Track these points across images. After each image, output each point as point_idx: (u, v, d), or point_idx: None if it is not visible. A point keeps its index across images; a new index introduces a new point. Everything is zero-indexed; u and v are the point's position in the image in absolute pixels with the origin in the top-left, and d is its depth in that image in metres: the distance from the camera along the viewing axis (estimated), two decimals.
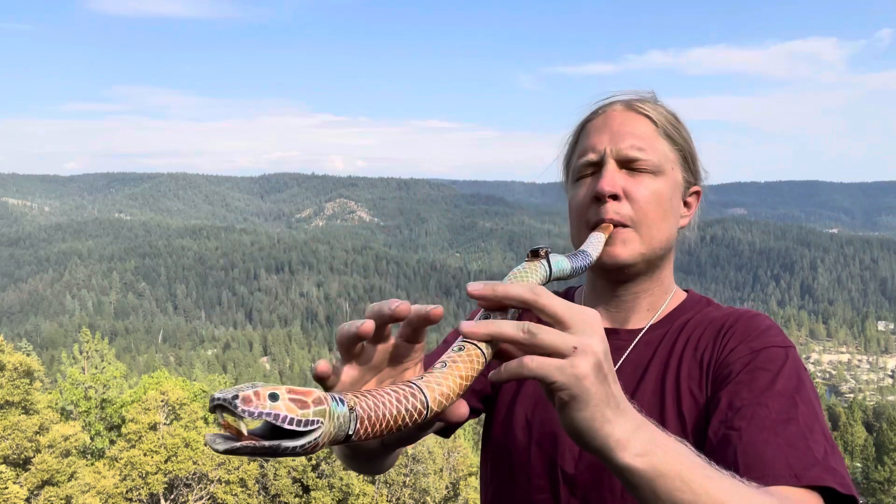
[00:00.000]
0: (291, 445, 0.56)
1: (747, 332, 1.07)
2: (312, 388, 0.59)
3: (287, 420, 0.55)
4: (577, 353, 0.66)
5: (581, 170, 1.18)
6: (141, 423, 19.88)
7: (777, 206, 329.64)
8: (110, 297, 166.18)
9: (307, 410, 0.56)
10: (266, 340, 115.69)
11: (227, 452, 0.55)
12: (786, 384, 0.96)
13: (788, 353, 1.02)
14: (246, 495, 20.74)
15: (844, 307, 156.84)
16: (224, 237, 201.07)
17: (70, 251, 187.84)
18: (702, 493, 0.70)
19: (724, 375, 1.02)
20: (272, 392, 0.56)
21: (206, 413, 22.83)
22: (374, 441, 0.68)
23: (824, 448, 0.88)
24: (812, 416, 0.93)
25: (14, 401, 18.02)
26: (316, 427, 0.57)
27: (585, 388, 0.66)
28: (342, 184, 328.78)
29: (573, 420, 0.68)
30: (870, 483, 38.44)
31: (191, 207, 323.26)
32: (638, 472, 0.70)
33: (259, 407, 0.54)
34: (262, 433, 0.56)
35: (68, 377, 23.89)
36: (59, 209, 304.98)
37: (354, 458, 0.96)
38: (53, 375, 33.67)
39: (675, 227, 1.19)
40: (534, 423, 1.13)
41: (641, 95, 1.22)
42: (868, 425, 52.36)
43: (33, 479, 17.01)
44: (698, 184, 1.26)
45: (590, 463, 1.07)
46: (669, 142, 1.18)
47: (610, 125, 1.16)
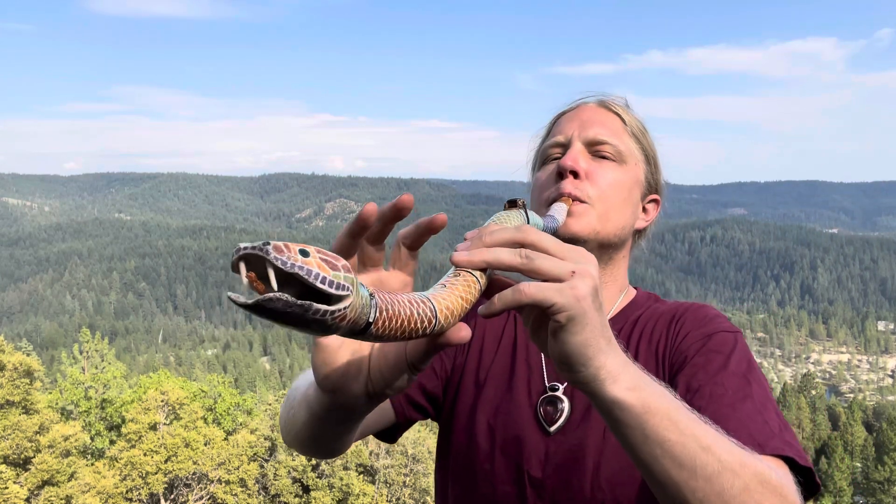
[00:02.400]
0: (322, 308, 0.52)
1: (697, 320, 1.11)
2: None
3: (319, 278, 0.51)
4: (576, 276, 0.66)
5: (548, 152, 1.21)
6: (141, 423, 19.87)
7: (777, 206, 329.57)
8: (110, 297, 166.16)
9: (338, 273, 0.53)
10: (266, 340, 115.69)
11: (253, 307, 0.51)
12: (738, 365, 1.00)
13: (737, 337, 1.06)
14: (246, 495, 20.73)
15: (844, 307, 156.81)
16: (224, 237, 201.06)
17: (70, 251, 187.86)
18: (688, 434, 0.71)
19: (679, 361, 1.05)
20: (302, 248, 0.52)
21: (205, 413, 22.84)
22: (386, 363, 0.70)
23: (778, 423, 0.92)
24: (764, 395, 0.97)
25: (14, 401, 18.02)
26: (347, 293, 0.53)
27: (584, 310, 0.65)
28: (342, 184, 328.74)
29: (568, 344, 0.66)
30: (870, 483, 38.43)
31: (191, 207, 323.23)
32: (629, 406, 0.69)
33: (291, 259, 0.50)
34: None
35: (68, 377, 23.91)
36: (58, 209, 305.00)
37: (318, 436, 0.92)
38: (53, 375, 33.69)
39: (631, 220, 1.21)
40: (497, 429, 1.12)
41: (614, 98, 1.26)
42: (868, 425, 52.36)
43: (33, 479, 17.01)
44: (659, 193, 1.28)
45: (557, 465, 1.06)
46: (635, 141, 1.21)
47: (581, 115, 1.21)
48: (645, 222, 1.26)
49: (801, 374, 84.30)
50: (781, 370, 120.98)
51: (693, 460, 0.71)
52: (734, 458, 0.73)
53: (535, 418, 1.10)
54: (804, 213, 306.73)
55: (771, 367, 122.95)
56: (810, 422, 52.44)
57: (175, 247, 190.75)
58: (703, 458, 0.71)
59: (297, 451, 1.03)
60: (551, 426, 1.08)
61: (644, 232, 1.28)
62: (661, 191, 1.28)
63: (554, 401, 1.10)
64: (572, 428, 1.08)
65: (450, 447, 1.18)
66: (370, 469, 22.71)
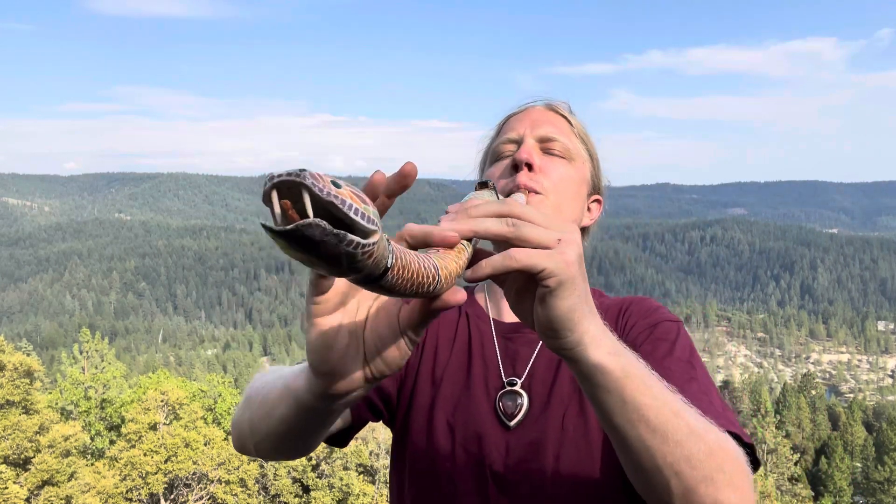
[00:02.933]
0: (356, 240, 0.50)
1: (642, 311, 1.17)
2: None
3: (353, 209, 0.50)
4: (563, 243, 0.67)
5: (500, 149, 1.24)
6: (141, 423, 19.87)
7: (777, 206, 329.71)
8: (110, 297, 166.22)
9: (367, 206, 0.52)
10: (266, 340, 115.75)
11: (289, 232, 0.48)
12: (682, 352, 1.06)
13: (679, 326, 1.12)
14: (246, 495, 20.73)
15: (844, 307, 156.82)
16: (224, 237, 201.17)
17: (70, 251, 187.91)
18: (661, 399, 0.75)
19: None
20: (334, 180, 0.51)
21: (205, 413, 22.84)
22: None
23: (721, 404, 0.98)
24: (707, 379, 1.03)
25: (14, 401, 18.02)
26: (375, 228, 0.53)
27: (573, 275, 0.67)
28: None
29: (556, 308, 0.68)
30: (870, 483, 38.42)
31: (191, 207, 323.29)
32: (610, 370, 0.72)
33: (326, 186, 0.50)
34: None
35: (68, 377, 23.91)
36: (58, 209, 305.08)
37: (297, 432, 0.89)
38: (53, 375, 33.68)
39: (579, 217, 1.24)
40: (456, 427, 1.13)
41: (559, 102, 1.31)
42: (868, 425, 52.35)
43: (33, 479, 17.01)
44: (601, 194, 1.32)
45: (519, 458, 1.08)
46: (581, 142, 1.27)
47: (531, 116, 1.26)
48: (590, 220, 1.30)
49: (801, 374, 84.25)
50: (781, 370, 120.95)
51: (665, 425, 0.74)
52: (700, 424, 0.77)
53: (495, 413, 1.12)
54: (804, 213, 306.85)
55: (771, 367, 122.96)
56: (810, 422, 52.41)
57: (175, 247, 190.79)
58: (675, 422, 0.74)
59: (260, 454, 1.00)
60: (511, 420, 1.10)
61: (588, 230, 1.31)
62: (602, 192, 1.32)
63: (512, 395, 1.12)
64: (532, 421, 1.10)
65: (407, 448, 1.17)
66: (370, 469, 22.72)
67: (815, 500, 35.09)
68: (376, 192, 0.64)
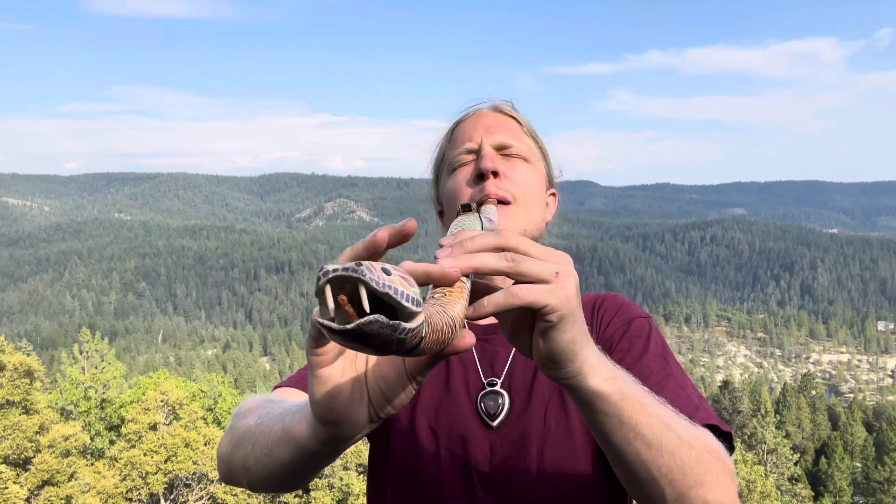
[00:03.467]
0: (408, 327, 0.53)
1: (615, 307, 1.19)
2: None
3: (405, 297, 0.52)
4: (561, 276, 0.68)
5: (459, 159, 1.24)
6: (141, 423, 19.88)
7: (777, 206, 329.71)
8: (110, 297, 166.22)
9: (415, 289, 0.54)
10: (266, 340, 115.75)
11: (351, 332, 0.50)
12: (655, 347, 1.10)
13: (650, 322, 1.16)
14: (246, 495, 20.73)
15: (844, 307, 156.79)
16: (224, 237, 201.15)
17: (70, 251, 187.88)
18: (654, 416, 0.78)
19: (607, 347, 1.12)
20: (384, 267, 0.53)
21: (205, 413, 22.83)
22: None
23: (697, 395, 1.03)
24: (681, 372, 1.07)
25: (14, 401, 18.01)
26: (422, 310, 0.54)
27: (574, 308, 0.69)
28: (342, 184, 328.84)
29: (557, 342, 0.69)
30: (870, 483, 38.41)
31: (191, 207, 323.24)
32: (608, 396, 0.74)
33: (381, 278, 0.51)
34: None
35: (68, 377, 23.89)
36: (58, 209, 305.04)
37: (300, 473, 0.89)
38: (53, 375, 33.68)
39: (543, 216, 1.27)
40: (439, 430, 1.13)
41: (504, 103, 1.33)
42: (868, 425, 52.36)
43: (33, 479, 17.00)
44: (554, 187, 1.35)
45: (503, 456, 1.09)
46: (532, 140, 1.29)
47: (483, 121, 1.27)
48: (549, 216, 1.32)
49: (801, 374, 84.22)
50: (781, 370, 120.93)
51: (660, 439, 0.77)
52: (689, 432, 0.82)
53: (477, 414, 1.12)
54: (804, 213, 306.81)
55: (771, 367, 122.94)
56: (810, 422, 52.41)
57: (175, 247, 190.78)
58: (667, 435, 0.78)
59: (253, 489, 1.00)
60: (494, 420, 1.11)
61: (548, 225, 1.33)
62: (554, 185, 1.35)
63: (493, 395, 1.13)
64: (514, 419, 1.11)
65: (389, 457, 1.17)
66: None
67: (815, 500, 35.07)
68: (379, 250, 0.64)
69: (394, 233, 0.65)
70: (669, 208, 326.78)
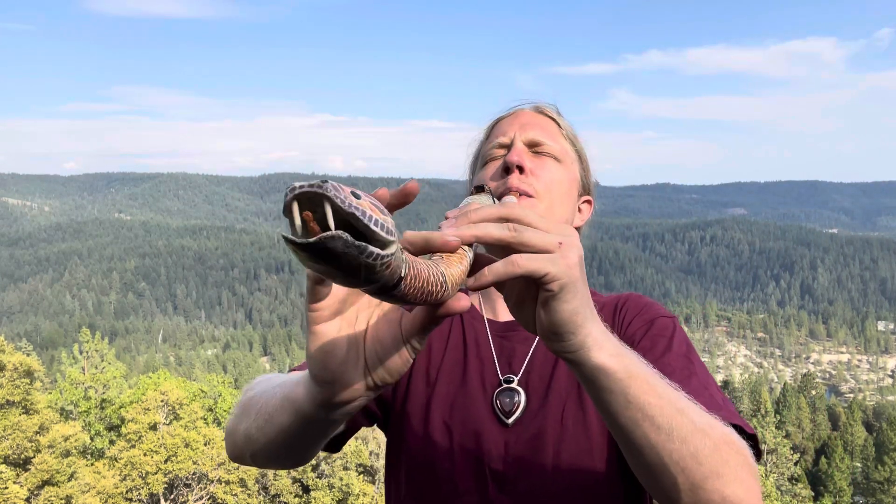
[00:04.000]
0: (376, 252, 0.51)
1: (638, 307, 1.17)
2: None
3: (373, 220, 0.51)
4: (564, 246, 0.67)
5: (490, 153, 1.25)
6: (141, 423, 19.88)
7: (777, 206, 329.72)
8: (110, 297, 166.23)
9: (387, 217, 0.53)
10: (266, 340, 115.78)
11: (311, 245, 0.49)
12: (679, 347, 1.07)
13: (674, 322, 1.13)
14: (246, 495, 20.73)
15: (844, 307, 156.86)
16: (224, 237, 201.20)
17: (70, 251, 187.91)
18: (665, 398, 0.75)
19: (628, 346, 1.08)
20: (353, 191, 0.52)
21: (205, 413, 22.84)
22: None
23: (721, 396, 0.99)
24: (705, 372, 1.04)
25: (14, 401, 18.01)
26: (394, 239, 0.53)
27: (576, 278, 0.68)
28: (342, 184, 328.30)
29: (560, 312, 0.68)
30: (870, 483, 38.45)
31: (191, 207, 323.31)
32: (613, 372, 0.72)
33: (348, 198, 0.50)
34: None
35: (68, 377, 23.89)
36: (58, 209, 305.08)
37: (298, 441, 0.88)
38: (53, 375, 33.69)
39: (571, 217, 1.25)
40: (453, 426, 1.12)
41: (548, 105, 1.32)
42: (868, 425, 52.40)
43: (33, 479, 17.00)
44: (591, 194, 1.33)
45: (518, 455, 1.07)
46: (570, 143, 1.28)
47: (520, 119, 1.27)
48: (581, 221, 1.31)
49: (801, 374, 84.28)
50: (781, 370, 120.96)
51: (670, 422, 0.74)
52: (704, 419, 0.78)
53: (492, 411, 1.11)
54: (804, 213, 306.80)
55: (771, 367, 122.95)
56: (810, 422, 52.44)
57: (175, 247, 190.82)
58: (679, 420, 0.75)
59: (256, 463, 0.99)
60: (509, 418, 1.10)
61: (579, 231, 1.31)
62: (592, 192, 1.33)
63: (510, 392, 1.11)
64: (530, 417, 1.09)
65: (403, 449, 1.16)
66: (370, 469, 22.72)
67: (815, 500, 35.09)
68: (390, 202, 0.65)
69: (396, 192, 0.65)
70: (669, 208, 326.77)
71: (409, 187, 0.65)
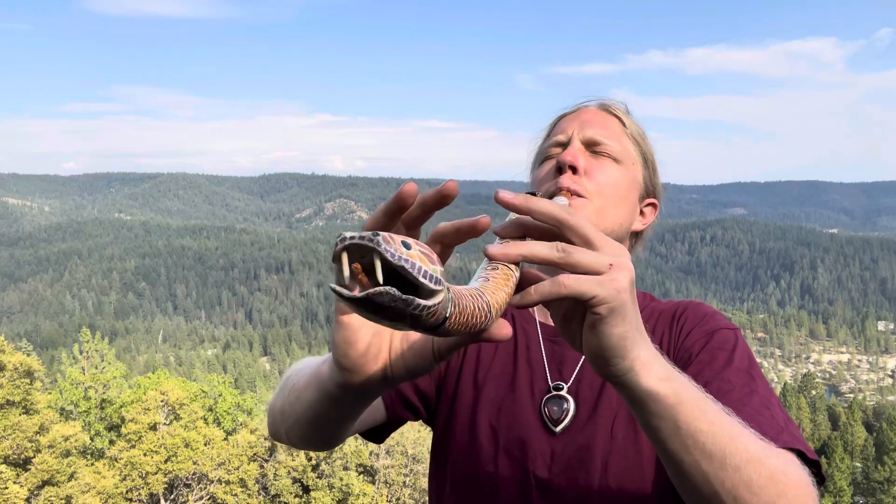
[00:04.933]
0: (422, 304, 0.52)
1: (697, 317, 1.12)
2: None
3: (422, 272, 0.51)
4: (614, 268, 0.65)
5: (548, 151, 1.22)
6: (141, 423, 19.88)
7: (777, 206, 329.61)
8: (110, 297, 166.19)
9: (435, 266, 0.53)
10: (266, 340, 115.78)
11: (361, 300, 0.50)
12: (741, 361, 1.01)
13: (737, 334, 1.08)
14: (246, 495, 20.74)
15: (844, 307, 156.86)
16: (224, 237, 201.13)
17: (70, 251, 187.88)
18: (717, 424, 0.71)
19: (685, 358, 1.06)
20: (404, 240, 0.52)
21: (205, 413, 22.84)
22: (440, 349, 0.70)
23: (784, 417, 0.93)
24: (768, 390, 0.98)
25: (14, 401, 18.01)
26: (441, 288, 0.53)
27: (624, 302, 0.65)
28: (342, 184, 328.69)
29: (607, 337, 0.65)
30: (870, 483, 38.44)
31: (191, 207, 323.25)
32: (663, 397, 0.69)
33: (398, 251, 0.50)
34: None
35: (68, 377, 23.89)
36: (58, 209, 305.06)
37: (324, 419, 0.90)
38: (53, 375, 33.68)
39: (629, 220, 1.22)
40: (500, 430, 1.10)
41: (615, 102, 1.28)
42: (868, 425, 52.37)
43: (33, 479, 17.01)
44: (657, 198, 1.29)
45: (564, 465, 1.05)
46: (634, 144, 1.23)
47: (581, 116, 1.23)
48: (642, 225, 1.27)
49: (801, 374, 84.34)
50: (781, 370, 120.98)
51: (723, 450, 0.71)
52: (759, 447, 0.74)
53: (540, 418, 1.09)
54: (804, 213, 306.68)
55: (771, 367, 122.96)
56: (810, 422, 52.50)
57: (175, 247, 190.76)
58: (732, 447, 0.71)
59: (291, 440, 1.00)
60: (557, 426, 1.07)
61: (641, 235, 1.29)
62: (658, 195, 1.29)
63: (558, 400, 1.09)
64: (579, 427, 1.07)
65: (448, 450, 1.15)
66: (370, 469, 22.71)
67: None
68: (405, 203, 0.64)
69: (434, 193, 0.64)
70: (669, 208, 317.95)
71: (447, 188, 0.65)
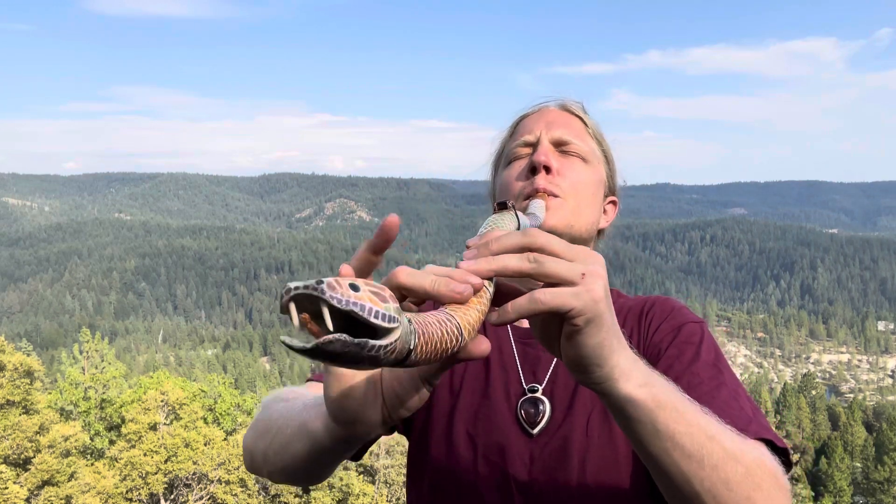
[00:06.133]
0: (377, 344, 0.51)
1: (665, 312, 1.14)
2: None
3: (373, 313, 0.51)
4: (587, 277, 0.65)
5: (515, 152, 1.22)
6: (141, 423, 19.88)
7: (777, 206, 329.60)
8: (110, 297, 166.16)
9: (388, 304, 0.53)
10: (266, 340, 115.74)
11: (311, 351, 0.49)
12: (707, 355, 1.04)
13: (703, 327, 1.10)
14: (246, 495, 20.73)
15: (844, 307, 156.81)
16: (224, 237, 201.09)
17: (70, 251, 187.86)
18: (695, 425, 0.73)
19: (654, 353, 1.07)
20: (352, 283, 0.51)
21: (205, 413, 22.83)
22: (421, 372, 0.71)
23: (752, 407, 0.96)
24: (735, 381, 1.01)
25: (14, 401, 18.02)
26: (396, 325, 0.53)
27: (601, 311, 0.65)
28: (342, 184, 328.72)
29: (585, 347, 0.66)
30: (870, 483, 38.43)
31: (191, 207, 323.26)
32: (641, 403, 0.70)
33: (344, 295, 0.50)
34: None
35: (68, 377, 23.89)
36: (58, 209, 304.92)
37: (317, 467, 0.91)
38: (53, 375, 33.68)
39: (597, 218, 1.23)
40: (477, 437, 1.10)
41: (574, 103, 1.29)
42: (868, 425, 52.32)
43: (33, 479, 17.00)
44: (616, 195, 1.31)
45: (543, 466, 1.05)
46: (596, 143, 1.25)
47: (546, 117, 1.24)
48: (606, 223, 1.29)
49: (801, 374, 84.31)
50: (781, 370, 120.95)
51: (701, 450, 0.73)
52: (735, 445, 0.76)
53: (516, 421, 1.09)
54: (804, 213, 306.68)
55: (771, 367, 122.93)
56: (810, 422, 52.46)
57: (175, 247, 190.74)
58: (710, 447, 0.73)
59: (272, 479, 1.01)
60: (534, 428, 1.08)
61: (603, 232, 1.30)
62: (617, 193, 1.31)
63: (534, 402, 1.09)
64: (555, 427, 1.07)
65: (426, 460, 1.15)
66: (370, 469, 22.72)
67: (815, 500, 35.13)
68: (391, 237, 0.65)
69: (377, 234, 0.65)
70: (669, 208, 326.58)
71: (387, 224, 0.64)
